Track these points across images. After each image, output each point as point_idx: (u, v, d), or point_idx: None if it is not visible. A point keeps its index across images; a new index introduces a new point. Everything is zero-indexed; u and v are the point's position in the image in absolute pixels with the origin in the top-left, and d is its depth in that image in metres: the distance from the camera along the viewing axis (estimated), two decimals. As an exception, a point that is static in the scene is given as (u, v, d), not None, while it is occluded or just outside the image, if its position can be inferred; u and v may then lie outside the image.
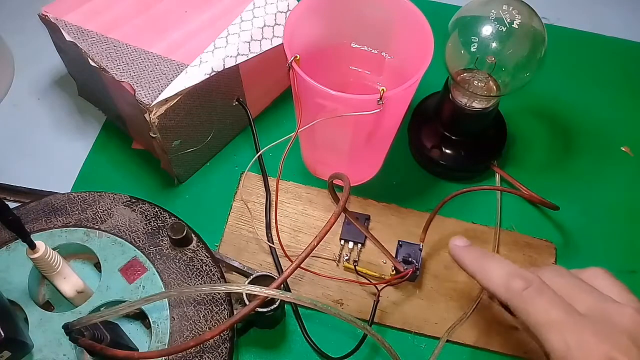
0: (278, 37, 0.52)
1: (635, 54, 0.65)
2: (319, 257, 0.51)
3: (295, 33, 0.44)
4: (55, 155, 0.57)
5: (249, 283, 0.43)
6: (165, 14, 0.52)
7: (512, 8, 0.45)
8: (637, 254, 0.52)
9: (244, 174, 0.55)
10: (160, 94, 0.46)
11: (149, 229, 0.45)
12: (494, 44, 0.46)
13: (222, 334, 0.40)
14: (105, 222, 0.45)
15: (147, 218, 0.45)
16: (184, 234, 0.43)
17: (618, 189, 0.56)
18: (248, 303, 0.39)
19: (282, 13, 0.52)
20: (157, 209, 0.46)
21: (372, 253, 0.51)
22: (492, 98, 0.49)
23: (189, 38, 0.50)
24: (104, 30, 0.50)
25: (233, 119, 0.55)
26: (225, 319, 0.41)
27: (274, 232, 0.51)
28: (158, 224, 0.45)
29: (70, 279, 0.40)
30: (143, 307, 0.40)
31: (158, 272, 0.42)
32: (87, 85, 0.59)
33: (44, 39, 0.54)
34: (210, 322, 0.41)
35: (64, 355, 0.39)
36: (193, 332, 0.40)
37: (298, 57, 0.42)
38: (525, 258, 0.51)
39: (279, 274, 0.46)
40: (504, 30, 0.45)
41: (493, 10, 0.45)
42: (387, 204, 0.54)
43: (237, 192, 0.54)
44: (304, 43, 0.45)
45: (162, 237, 0.44)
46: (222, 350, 0.40)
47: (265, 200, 0.53)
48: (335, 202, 0.50)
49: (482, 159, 0.55)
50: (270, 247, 0.51)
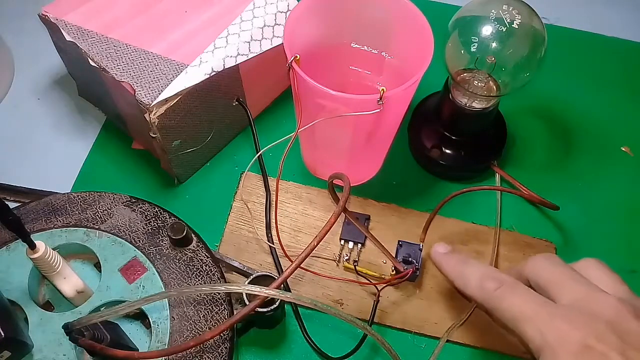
0: (278, 37, 0.52)
1: (635, 54, 0.65)
2: (319, 257, 0.51)
3: (295, 33, 0.44)
4: (55, 155, 0.57)
5: (249, 283, 0.43)
6: (165, 14, 0.52)
7: (512, 8, 0.45)
8: (637, 254, 0.52)
9: (244, 174, 0.55)
10: (160, 94, 0.46)
11: (149, 229, 0.45)
12: (494, 44, 0.46)
13: (222, 334, 0.40)
14: (105, 222, 0.45)
15: (147, 218, 0.45)
16: (184, 234, 0.43)
17: (618, 189, 0.56)
18: (248, 303, 0.39)
19: (282, 13, 0.52)
20: (157, 209, 0.46)
21: (372, 253, 0.51)
22: (492, 98, 0.49)
23: (189, 38, 0.50)
24: (104, 30, 0.50)
25: (233, 119, 0.55)
26: (225, 319, 0.41)
27: (274, 232, 0.51)
28: (158, 224, 0.45)
29: (70, 279, 0.40)
30: (143, 307, 0.40)
31: (158, 272, 0.42)
32: (87, 85, 0.59)
33: (44, 39, 0.54)
34: (210, 322, 0.41)
35: (64, 355, 0.39)
36: (193, 332, 0.40)
37: (298, 57, 0.42)
38: (525, 258, 0.51)
39: (279, 274, 0.46)
40: (504, 30, 0.45)
41: (493, 10, 0.45)
42: (387, 204, 0.54)
43: (237, 192, 0.54)
44: (304, 43, 0.45)
45: (162, 237, 0.44)
46: (222, 350, 0.40)
47: (265, 200, 0.53)
48: (335, 202, 0.50)
49: (482, 159, 0.55)
50: (270, 247, 0.51)
